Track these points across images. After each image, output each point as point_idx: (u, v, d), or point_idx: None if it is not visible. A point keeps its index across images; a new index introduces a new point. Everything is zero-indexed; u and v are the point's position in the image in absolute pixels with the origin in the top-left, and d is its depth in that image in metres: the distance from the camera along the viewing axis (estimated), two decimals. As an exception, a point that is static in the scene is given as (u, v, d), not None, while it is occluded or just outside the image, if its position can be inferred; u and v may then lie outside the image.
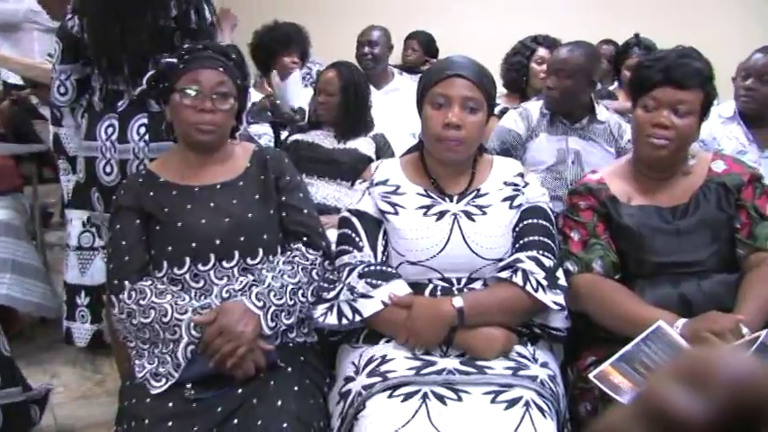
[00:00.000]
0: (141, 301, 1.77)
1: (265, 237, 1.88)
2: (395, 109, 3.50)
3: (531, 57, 3.64)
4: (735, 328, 1.66)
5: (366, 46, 3.87)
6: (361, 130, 3.03)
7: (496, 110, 3.23)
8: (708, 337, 1.65)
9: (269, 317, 1.77)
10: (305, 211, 1.96)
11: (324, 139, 3.04)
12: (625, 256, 1.93)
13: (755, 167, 2.75)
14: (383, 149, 2.98)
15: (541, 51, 3.60)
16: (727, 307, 1.79)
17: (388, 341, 1.80)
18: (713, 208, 1.92)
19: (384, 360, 1.73)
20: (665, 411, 0.34)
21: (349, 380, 1.74)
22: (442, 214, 1.85)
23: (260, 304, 1.77)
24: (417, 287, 1.83)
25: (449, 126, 1.79)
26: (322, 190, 2.92)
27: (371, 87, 3.25)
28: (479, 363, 1.72)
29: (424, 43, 4.63)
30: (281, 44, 3.66)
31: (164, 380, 1.73)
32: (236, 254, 1.84)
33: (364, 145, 2.99)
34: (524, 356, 1.77)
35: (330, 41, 4.15)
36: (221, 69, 1.89)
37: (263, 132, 3.12)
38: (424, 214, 1.85)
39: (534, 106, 2.93)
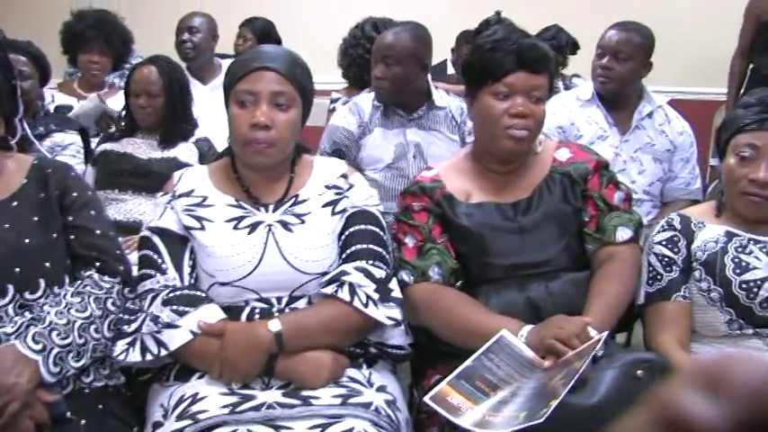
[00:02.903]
0: None
1: (48, 265, 1.76)
2: (222, 108, 3.38)
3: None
4: (582, 331, 1.68)
5: (186, 32, 3.75)
6: (183, 135, 2.92)
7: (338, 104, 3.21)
8: (553, 344, 1.66)
9: (51, 361, 1.65)
10: (97, 231, 1.84)
11: (138, 148, 2.91)
12: (466, 260, 1.93)
13: (608, 152, 2.87)
14: (207, 157, 2.84)
15: None
16: (580, 307, 1.82)
17: (201, 376, 1.73)
18: (558, 201, 1.94)
19: (195, 399, 1.65)
20: (682, 419, 0.36)
21: (157, 425, 1.65)
22: (254, 226, 1.80)
23: (38, 347, 1.65)
24: (233, 311, 1.77)
25: (257, 126, 1.74)
26: (137, 206, 2.79)
27: (196, 82, 3.15)
28: (304, 393, 1.67)
29: (258, 31, 4.54)
30: (78, 38, 3.48)
31: None
32: (11, 288, 1.71)
33: (185, 152, 2.89)
34: (357, 381, 1.74)
35: (150, 33, 4.00)
36: None
37: (69, 142, 2.95)
38: (235, 227, 1.79)
39: (365, 99, 2.92)
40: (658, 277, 1.91)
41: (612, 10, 3.33)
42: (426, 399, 1.60)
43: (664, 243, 1.93)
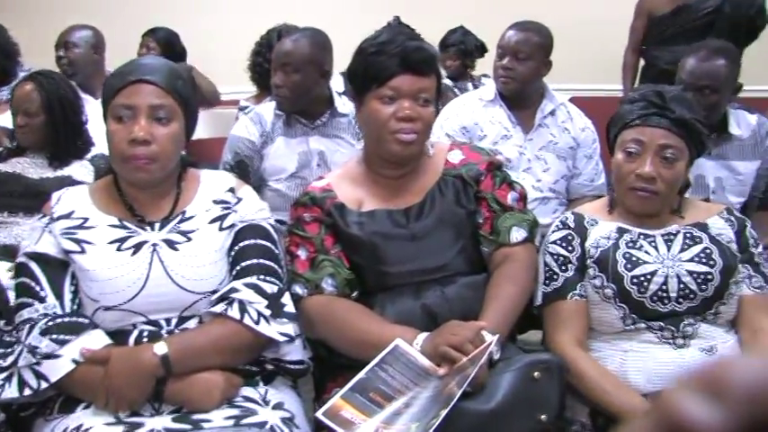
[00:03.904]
0: None
1: None
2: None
3: None
4: (475, 336, 1.67)
5: (62, 48, 3.61)
6: (76, 153, 2.82)
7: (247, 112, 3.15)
8: (446, 351, 1.64)
9: None
10: None
11: (29, 167, 2.79)
12: (361, 270, 1.90)
13: (513, 152, 2.88)
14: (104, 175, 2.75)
15: None
16: (477, 311, 1.81)
17: (87, 406, 1.65)
18: (451, 204, 1.93)
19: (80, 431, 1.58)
20: (683, 423, 0.36)
21: (42, 462, 1.58)
22: (138, 246, 1.73)
23: None
24: (120, 336, 1.70)
25: (135, 142, 1.67)
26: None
27: (88, 97, 3.05)
28: (196, 417, 1.61)
29: (162, 41, 4.45)
30: None
31: None
32: None
33: (80, 171, 2.78)
34: (252, 400, 1.70)
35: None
36: None
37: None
38: (118, 249, 1.72)
39: (267, 108, 2.87)
40: (554, 277, 1.91)
41: (515, 10, 3.34)
42: (318, 414, 1.56)
43: (558, 242, 1.93)
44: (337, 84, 3.25)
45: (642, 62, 4.27)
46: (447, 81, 4.51)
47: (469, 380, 1.55)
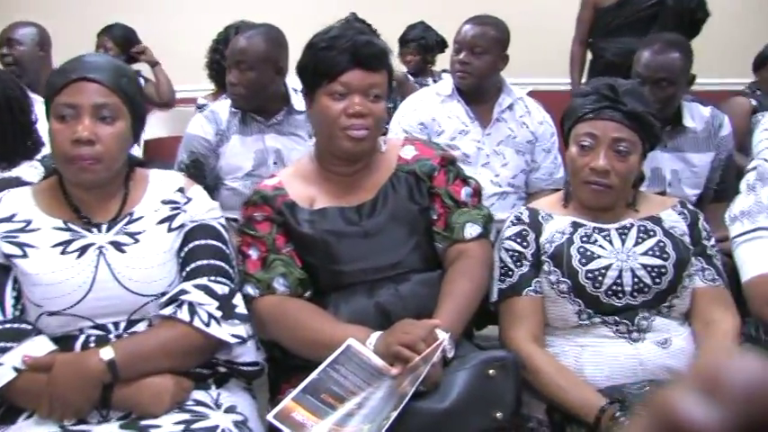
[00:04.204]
0: None
1: None
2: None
3: None
4: (428, 335, 1.65)
5: (5, 46, 3.49)
6: (25, 153, 2.75)
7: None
8: (399, 350, 1.62)
9: None
10: None
11: (-26, 169, 2.73)
12: (313, 269, 1.86)
13: (471, 147, 2.87)
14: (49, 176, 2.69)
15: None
16: (432, 309, 1.79)
17: (30, 416, 1.61)
18: (404, 200, 1.90)
19: (21, 441, 1.54)
20: (680, 422, 0.36)
21: (-18, 474, 1.53)
22: (84, 249, 1.68)
23: None
24: (66, 341, 1.66)
25: (79, 142, 1.63)
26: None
27: (37, 97, 2.97)
28: (144, 422, 1.58)
29: (119, 39, 4.37)
30: None
31: None
32: None
33: (29, 172, 2.71)
34: (204, 404, 1.67)
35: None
36: None
37: None
38: (63, 252, 1.67)
39: (222, 106, 2.83)
40: (509, 273, 1.90)
41: (476, 4, 3.32)
42: (270, 417, 1.53)
43: (513, 238, 1.92)
44: (294, 81, 3.21)
45: (590, 55, 4.28)
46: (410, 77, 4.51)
47: (421, 379, 1.53)
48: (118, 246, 1.70)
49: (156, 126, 4.22)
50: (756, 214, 1.96)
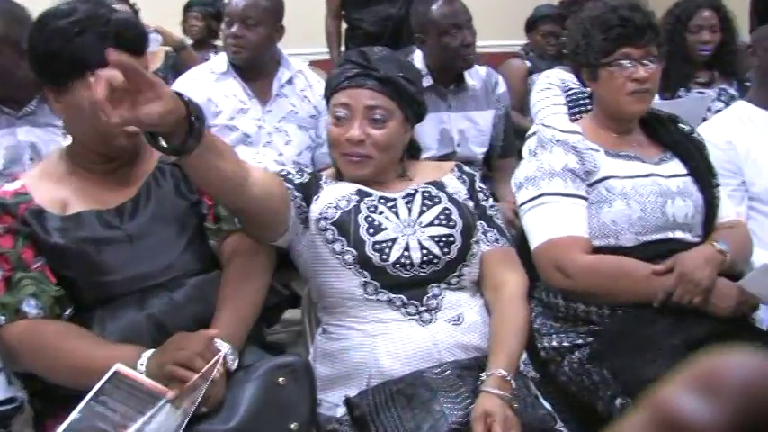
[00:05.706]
0: None
1: None
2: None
3: None
4: (205, 348, 1.48)
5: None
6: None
7: None
8: (173, 370, 1.44)
9: None
10: None
11: None
12: (72, 284, 1.62)
13: (251, 126, 2.72)
14: None
15: None
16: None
17: None
18: (170, 195, 1.71)
19: None
20: (676, 420, 0.36)
21: None
22: None
23: None
24: None
25: None
26: None
27: None
28: None
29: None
30: None
31: None
32: None
33: None
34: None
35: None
36: None
37: None
38: None
39: None
40: None
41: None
42: None
43: None
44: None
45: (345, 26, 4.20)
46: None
47: (200, 399, 1.37)
48: None
49: None
50: (539, 180, 1.94)
